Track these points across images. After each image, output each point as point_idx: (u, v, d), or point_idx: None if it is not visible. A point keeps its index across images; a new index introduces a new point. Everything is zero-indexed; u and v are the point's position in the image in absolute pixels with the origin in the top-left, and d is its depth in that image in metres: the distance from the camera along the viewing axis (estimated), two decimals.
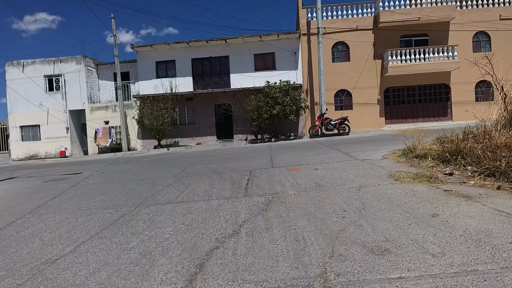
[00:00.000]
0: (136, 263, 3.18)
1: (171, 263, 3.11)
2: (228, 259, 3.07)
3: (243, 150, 14.55)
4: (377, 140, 12.81)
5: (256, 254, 3.12)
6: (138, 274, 2.95)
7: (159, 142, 20.06)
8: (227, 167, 9.03)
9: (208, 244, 3.47)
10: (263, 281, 2.62)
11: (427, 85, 20.39)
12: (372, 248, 3.02)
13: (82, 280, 2.94)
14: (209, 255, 3.19)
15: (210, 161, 10.99)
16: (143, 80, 21.26)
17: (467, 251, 2.80)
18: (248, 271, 2.80)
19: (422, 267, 2.60)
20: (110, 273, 3.02)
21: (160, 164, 11.42)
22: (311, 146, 13.25)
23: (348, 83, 20.49)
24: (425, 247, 2.93)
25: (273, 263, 2.90)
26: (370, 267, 2.67)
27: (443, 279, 2.40)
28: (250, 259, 3.01)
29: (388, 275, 2.53)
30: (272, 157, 10.41)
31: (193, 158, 12.44)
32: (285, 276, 2.65)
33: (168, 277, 2.84)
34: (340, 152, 9.79)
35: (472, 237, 3.07)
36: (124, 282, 2.83)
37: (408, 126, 18.96)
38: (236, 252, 3.20)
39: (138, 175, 9.23)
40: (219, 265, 2.96)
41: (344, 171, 6.82)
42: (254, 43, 20.78)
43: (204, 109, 21.19)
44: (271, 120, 19.28)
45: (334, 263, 2.80)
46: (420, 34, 20.22)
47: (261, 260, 2.98)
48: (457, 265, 2.59)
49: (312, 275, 2.63)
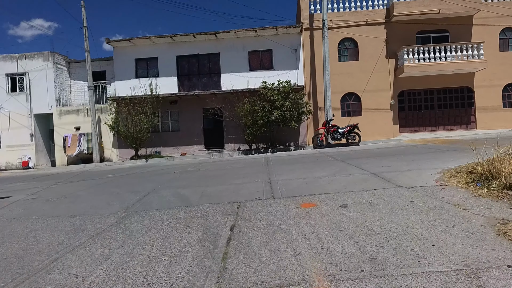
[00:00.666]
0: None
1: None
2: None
3: (234, 163, 11.70)
4: (401, 153, 10.04)
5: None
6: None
7: (136, 152, 17.14)
8: (206, 194, 6.17)
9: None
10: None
11: (447, 88, 17.74)
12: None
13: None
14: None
15: (188, 181, 8.11)
16: (120, 80, 18.39)
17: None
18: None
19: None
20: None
21: (121, 184, 8.51)
22: (319, 160, 10.43)
23: (357, 85, 17.79)
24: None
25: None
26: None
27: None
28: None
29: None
30: (270, 176, 7.56)
31: (167, 175, 9.56)
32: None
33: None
34: (366, 172, 6.96)
35: None
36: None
37: (427, 136, 16.27)
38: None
39: (76, 205, 6.33)
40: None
41: (397, 213, 3.99)
42: (248, 38, 18.05)
43: (190, 114, 18.34)
44: (267, 127, 16.47)
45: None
46: (439, 30, 17.62)
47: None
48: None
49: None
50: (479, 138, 13.61)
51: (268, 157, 13.40)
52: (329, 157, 11.07)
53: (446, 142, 12.68)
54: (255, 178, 7.56)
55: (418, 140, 14.57)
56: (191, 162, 13.82)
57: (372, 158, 9.65)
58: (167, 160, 16.37)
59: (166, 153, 18.30)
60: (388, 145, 14.34)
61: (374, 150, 12.22)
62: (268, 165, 10.08)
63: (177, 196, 6.22)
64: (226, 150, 18.02)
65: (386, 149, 12.46)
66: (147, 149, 18.19)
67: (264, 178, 7.45)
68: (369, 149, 12.91)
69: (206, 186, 7.06)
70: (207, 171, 10.02)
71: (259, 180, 7.21)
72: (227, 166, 11.08)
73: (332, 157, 10.82)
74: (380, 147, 13.42)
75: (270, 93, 15.82)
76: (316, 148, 15.48)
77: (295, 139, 17.78)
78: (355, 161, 9.06)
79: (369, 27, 17.69)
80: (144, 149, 18.08)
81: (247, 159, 13.11)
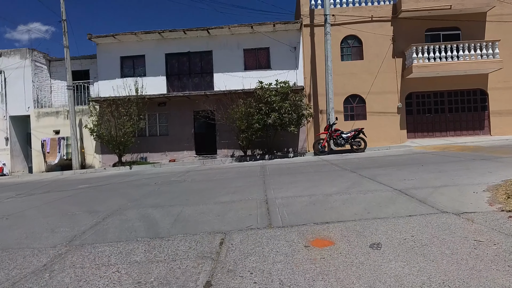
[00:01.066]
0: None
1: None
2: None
3: (225, 173, 10.22)
4: (418, 162, 8.60)
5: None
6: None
7: (119, 159, 15.59)
8: (182, 218, 4.67)
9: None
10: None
11: (458, 90, 16.38)
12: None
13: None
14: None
15: (166, 196, 6.61)
16: (104, 80, 16.89)
17: None
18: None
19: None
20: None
21: (85, 200, 6.99)
22: (323, 169, 8.97)
23: (361, 87, 16.40)
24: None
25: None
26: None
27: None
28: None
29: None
30: (267, 191, 6.08)
31: (146, 188, 8.06)
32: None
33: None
34: (387, 187, 5.50)
35: None
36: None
37: (438, 142, 14.88)
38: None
39: (11, 231, 4.81)
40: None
41: (467, 266, 2.50)
42: (244, 35, 16.63)
43: (180, 116, 16.85)
44: (264, 132, 15.01)
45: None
46: (450, 27, 16.29)
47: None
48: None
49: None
50: (502, 145, 12.25)
51: (264, 164, 11.93)
52: (335, 166, 9.61)
53: (465, 149, 11.27)
54: (248, 193, 6.08)
55: (430, 147, 13.15)
56: (178, 170, 12.31)
57: (386, 168, 8.20)
58: (153, 167, 14.84)
59: (153, 159, 16.77)
60: (397, 152, 12.92)
61: (384, 158, 10.78)
62: (264, 175, 8.61)
63: (144, 220, 4.73)
64: (219, 156, 16.52)
65: (397, 156, 11.03)
66: (132, 154, 16.67)
67: (259, 194, 5.96)
68: (377, 157, 11.48)
69: (185, 204, 5.56)
70: (193, 182, 8.52)
71: (252, 197, 5.73)
72: (217, 175, 9.58)
73: (338, 166, 9.36)
74: (389, 155, 11.99)
75: (267, 94, 14.37)
76: (318, 155, 14.03)
77: (294, 145, 16.33)
78: (368, 172, 7.61)
79: (375, 23, 16.34)
80: (130, 154, 16.55)
81: (241, 167, 11.62)
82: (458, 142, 14.35)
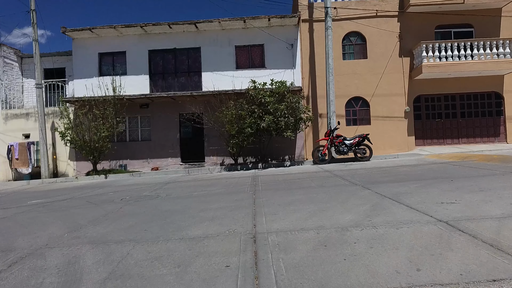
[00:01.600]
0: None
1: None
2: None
3: (209, 186, 8.56)
4: (443, 175, 7.01)
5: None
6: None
7: (94, 166, 13.84)
8: (121, 271, 2.97)
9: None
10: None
11: (471, 93, 14.90)
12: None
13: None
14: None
15: (120, 223, 4.94)
16: (80, 78, 15.18)
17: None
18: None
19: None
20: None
21: (14, 227, 5.29)
22: (328, 183, 7.33)
23: (365, 89, 14.86)
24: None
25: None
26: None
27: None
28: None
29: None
30: (256, 221, 4.41)
31: (106, 207, 6.37)
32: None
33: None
34: (424, 216, 3.84)
35: None
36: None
37: (451, 150, 13.35)
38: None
39: None
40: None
41: None
42: (235, 30, 15.06)
43: (164, 120, 15.17)
44: (257, 137, 13.38)
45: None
46: (462, 24, 14.86)
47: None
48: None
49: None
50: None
51: (257, 175, 10.27)
52: (340, 178, 8.00)
53: (490, 159, 9.71)
54: (231, 221, 4.42)
55: (445, 156, 11.59)
56: (157, 181, 10.61)
57: (405, 183, 6.59)
58: (131, 176, 13.12)
59: (134, 167, 15.05)
60: (408, 161, 11.34)
61: (397, 169, 9.18)
62: (255, 191, 6.96)
63: (65, 272, 3.04)
64: (207, 164, 14.85)
65: (411, 167, 9.45)
66: (110, 162, 14.93)
67: (245, 222, 4.31)
68: (388, 167, 9.88)
69: (139, 240, 3.88)
70: (167, 199, 6.84)
71: (235, 228, 4.07)
72: (199, 190, 7.91)
73: (344, 179, 7.75)
74: (400, 164, 10.40)
75: (261, 94, 12.76)
76: (317, 164, 12.43)
77: (290, 152, 14.71)
78: (385, 188, 6.00)
79: (380, 19, 14.85)
80: (108, 162, 14.83)
81: (230, 179, 9.95)
82: (473, 150, 12.83)
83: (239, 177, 10.16)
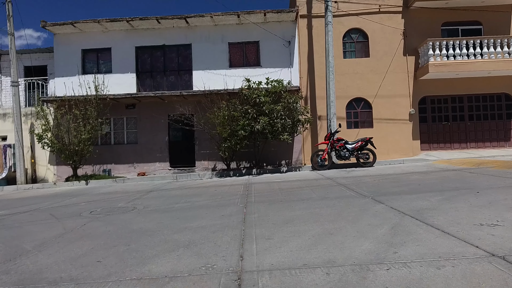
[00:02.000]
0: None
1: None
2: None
3: (195, 196, 7.52)
4: (465, 185, 6.03)
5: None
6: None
7: (74, 171, 12.75)
8: None
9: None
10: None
11: (480, 95, 13.99)
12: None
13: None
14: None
15: (70, 251, 3.90)
16: (62, 77, 14.12)
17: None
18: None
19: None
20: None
21: None
22: (331, 193, 6.32)
23: (367, 89, 13.91)
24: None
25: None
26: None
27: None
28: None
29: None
30: (245, 249, 3.36)
31: (65, 224, 5.34)
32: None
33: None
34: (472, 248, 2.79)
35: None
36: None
37: (459, 155, 12.41)
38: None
39: None
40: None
41: None
42: (229, 26, 14.07)
43: (152, 121, 14.11)
44: (251, 141, 12.37)
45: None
46: (470, 21, 13.98)
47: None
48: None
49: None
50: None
51: (250, 182, 9.25)
52: (345, 188, 6.99)
53: (510, 166, 8.74)
54: (211, 250, 3.39)
55: (456, 162, 10.62)
56: (140, 189, 9.56)
57: (423, 194, 5.60)
58: (114, 182, 12.05)
59: (119, 172, 13.97)
60: (416, 167, 10.36)
61: (407, 177, 8.19)
62: (247, 203, 5.95)
63: None
64: (198, 169, 13.80)
65: (422, 175, 8.47)
66: (94, 166, 13.86)
67: (229, 253, 3.27)
68: (395, 174, 8.89)
69: (79, 281, 2.83)
70: (142, 213, 5.80)
71: (215, 262, 3.03)
72: (182, 201, 6.87)
73: (350, 189, 6.75)
74: (409, 171, 9.42)
75: (256, 94, 11.76)
76: (316, 170, 11.43)
77: (287, 157, 13.70)
78: (401, 202, 5.01)
79: (383, 15, 13.94)
80: (90, 166, 13.76)
81: (220, 187, 8.92)
82: (484, 155, 11.89)
83: (230, 185, 9.13)
